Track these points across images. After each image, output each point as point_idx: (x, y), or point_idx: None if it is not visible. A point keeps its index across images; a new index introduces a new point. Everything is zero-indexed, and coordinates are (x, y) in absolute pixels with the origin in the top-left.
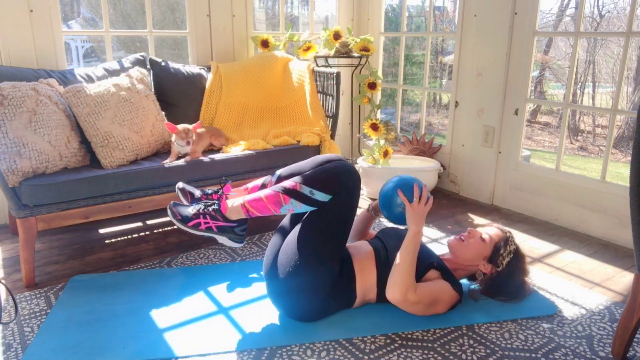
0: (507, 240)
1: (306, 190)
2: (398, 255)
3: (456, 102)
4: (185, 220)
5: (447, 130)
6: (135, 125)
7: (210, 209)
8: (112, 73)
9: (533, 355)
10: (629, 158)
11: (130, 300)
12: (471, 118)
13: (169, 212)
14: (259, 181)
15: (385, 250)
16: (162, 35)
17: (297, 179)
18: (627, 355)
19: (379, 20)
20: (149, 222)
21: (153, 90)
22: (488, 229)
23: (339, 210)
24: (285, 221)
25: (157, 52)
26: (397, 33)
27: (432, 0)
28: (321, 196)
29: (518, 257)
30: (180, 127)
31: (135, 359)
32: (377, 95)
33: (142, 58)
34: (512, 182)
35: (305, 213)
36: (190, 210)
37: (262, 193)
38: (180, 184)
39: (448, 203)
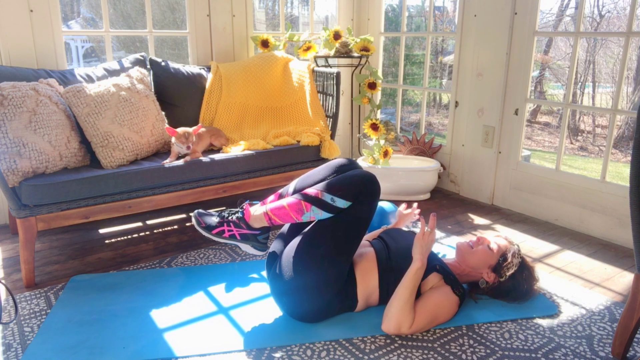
0: (513, 252)
1: (327, 197)
2: (398, 287)
3: (456, 102)
4: (209, 228)
5: (447, 130)
6: (135, 125)
7: (234, 217)
8: (112, 73)
9: (533, 355)
10: (629, 158)
11: (130, 300)
12: (471, 118)
13: (193, 220)
14: (276, 194)
15: (387, 251)
16: (162, 35)
17: (319, 186)
18: (627, 355)
19: (379, 20)
20: (149, 222)
21: (153, 90)
22: (497, 239)
23: (357, 216)
24: (285, 227)
25: (157, 52)
26: (397, 33)
27: (432, 0)
28: (342, 203)
29: (523, 270)
30: (181, 130)
31: (135, 359)
32: (377, 95)
33: (142, 58)
34: (512, 182)
35: None
36: (215, 218)
37: (284, 201)
38: (197, 214)
39: (448, 203)
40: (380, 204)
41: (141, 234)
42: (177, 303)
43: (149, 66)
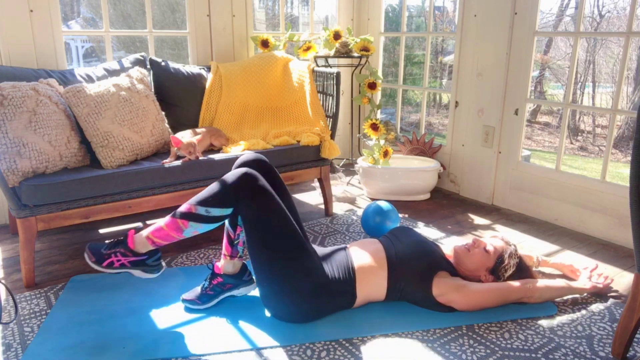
0: (510, 252)
1: (201, 210)
2: (540, 284)
3: (456, 102)
4: (99, 261)
5: (447, 130)
6: (135, 125)
7: (119, 246)
8: (112, 73)
9: (533, 355)
10: (629, 158)
11: (130, 300)
12: (471, 118)
13: (85, 255)
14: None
15: (395, 247)
16: (162, 35)
17: (191, 200)
18: (627, 355)
19: (379, 20)
20: (148, 222)
21: (153, 90)
22: (493, 240)
23: (262, 214)
24: None
25: (157, 52)
26: (397, 33)
27: (432, 0)
28: (218, 212)
29: (521, 270)
30: (185, 141)
31: (135, 359)
32: (377, 95)
33: (142, 58)
34: (512, 182)
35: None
36: (103, 250)
37: (162, 222)
38: (87, 248)
39: (448, 203)
40: (379, 202)
41: None
42: (177, 303)
43: (149, 66)
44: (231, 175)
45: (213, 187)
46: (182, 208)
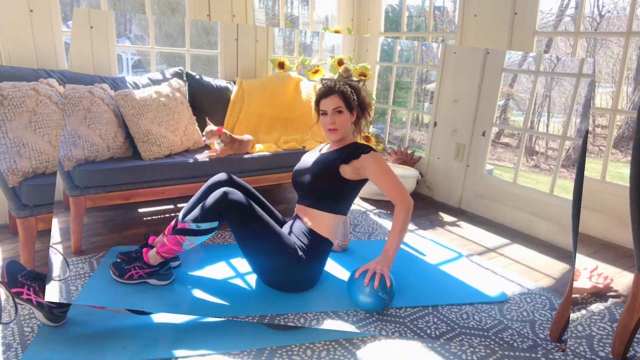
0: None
1: (193, 225)
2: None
3: (435, 122)
4: (122, 275)
5: (426, 145)
6: (171, 125)
7: (137, 262)
8: (154, 82)
9: (533, 355)
10: (629, 158)
11: None
12: (446, 136)
13: (110, 271)
14: (173, 222)
15: (303, 192)
16: (197, 53)
17: (187, 218)
18: (627, 355)
19: (379, 20)
20: (178, 205)
21: (187, 98)
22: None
23: (241, 219)
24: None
25: (192, 67)
26: (397, 33)
27: (432, 0)
28: (207, 225)
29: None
30: (207, 128)
31: (135, 359)
32: (371, 113)
33: (180, 71)
34: (476, 190)
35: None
36: (124, 266)
37: (165, 239)
38: (111, 265)
39: (423, 205)
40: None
41: (172, 214)
42: None
43: (185, 78)
44: (214, 197)
45: (200, 206)
46: (179, 226)
